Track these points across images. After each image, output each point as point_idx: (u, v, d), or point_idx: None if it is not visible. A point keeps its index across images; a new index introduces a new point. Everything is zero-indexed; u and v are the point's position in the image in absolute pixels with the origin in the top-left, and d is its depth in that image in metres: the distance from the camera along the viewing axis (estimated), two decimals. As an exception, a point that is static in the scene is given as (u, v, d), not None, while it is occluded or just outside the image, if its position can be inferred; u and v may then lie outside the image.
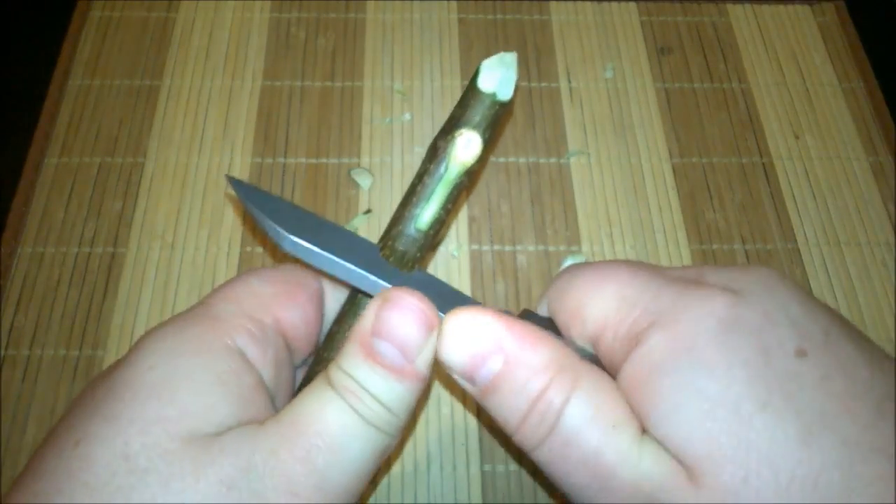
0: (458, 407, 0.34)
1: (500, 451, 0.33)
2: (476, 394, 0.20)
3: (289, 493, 0.18)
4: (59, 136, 0.40)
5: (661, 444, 0.18)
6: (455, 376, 0.20)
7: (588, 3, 0.46)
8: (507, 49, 0.44)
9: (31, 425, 0.32)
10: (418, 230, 0.22)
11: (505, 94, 0.21)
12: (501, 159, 0.40)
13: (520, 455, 0.33)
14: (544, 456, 0.19)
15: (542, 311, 0.23)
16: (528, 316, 0.22)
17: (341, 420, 0.19)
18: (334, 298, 0.25)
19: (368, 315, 0.19)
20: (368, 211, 0.38)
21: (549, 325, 0.22)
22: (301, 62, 0.43)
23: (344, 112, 0.41)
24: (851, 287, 0.37)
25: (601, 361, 0.21)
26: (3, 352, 0.34)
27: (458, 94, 0.42)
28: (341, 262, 0.21)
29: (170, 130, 0.40)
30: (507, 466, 0.32)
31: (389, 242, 0.22)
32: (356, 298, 0.23)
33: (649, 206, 0.39)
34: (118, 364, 0.20)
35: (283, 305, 0.22)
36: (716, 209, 0.39)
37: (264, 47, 0.43)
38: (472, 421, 0.33)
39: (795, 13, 0.46)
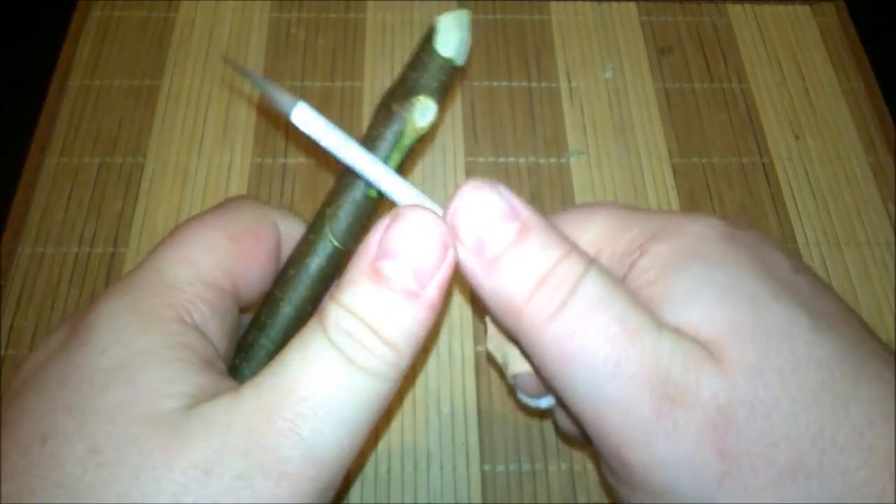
0: (459, 407, 0.34)
1: (500, 451, 0.33)
2: (480, 269, 0.18)
3: (277, 472, 0.16)
4: (59, 137, 0.40)
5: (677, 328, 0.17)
6: (460, 250, 0.18)
7: (588, 3, 0.46)
8: (507, 50, 0.44)
9: (31, 425, 0.32)
10: (369, 198, 0.21)
11: (461, 58, 0.20)
12: (501, 159, 0.40)
13: (520, 455, 0.33)
14: (556, 332, 0.17)
15: None
16: None
17: (329, 377, 0.16)
18: (291, 242, 0.23)
19: (374, 235, 0.17)
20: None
21: None
22: (301, 62, 0.43)
23: (344, 112, 0.41)
24: (851, 287, 0.37)
25: None
26: (3, 352, 0.34)
27: (458, 94, 0.42)
28: (353, 141, 0.19)
29: (170, 130, 0.40)
30: (507, 466, 0.32)
31: (338, 211, 0.21)
32: (312, 237, 0.21)
33: (649, 206, 0.39)
34: (68, 342, 0.18)
35: (243, 267, 0.20)
36: (716, 209, 0.39)
37: (264, 47, 0.43)
38: (473, 421, 0.33)
39: (795, 13, 0.46)
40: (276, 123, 0.41)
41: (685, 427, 0.16)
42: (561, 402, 0.21)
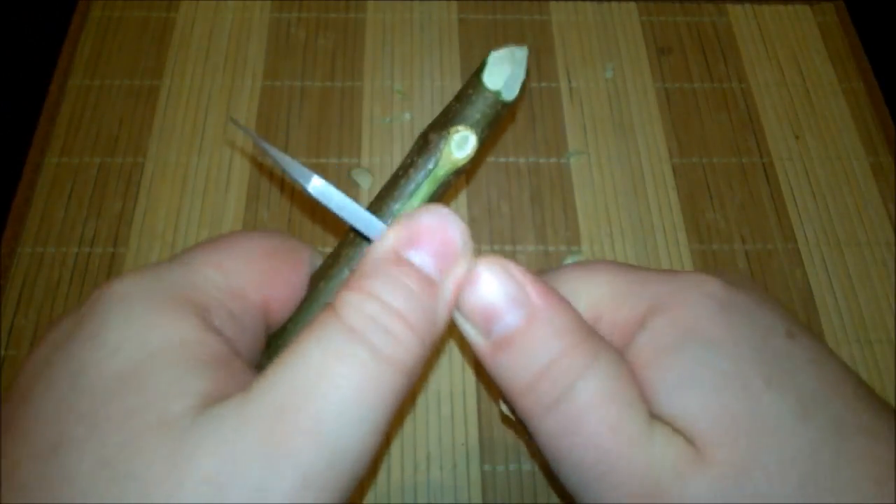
0: (459, 407, 0.34)
1: (501, 451, 0.33)
2: (485, 349, 0.18)
3: (300, 478, 0.14)
4: (59, 136, 0.40)
5: (670, 423, 0.17)
6: (467, 326, 0.18)
7: (588, 3, 0.46)
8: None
9: (31, 425, 0.32)
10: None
11: (510, 93, 0.20)
12: (501, 159, 0.40)
13: (520, 455, 0.33)
14: (549, 427, 0.17)
15: None
16: None
17: (355, 370, 0.15)
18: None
19: (395, 228, 0.17)
20: (368, 211, 0.38)
21: None
22: (301, 62, 0.43)
23: (344, 112, 0.41)
24: (851, 287, 0.37)
25: None
26: (3, 352, 0.34)
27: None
28: (360, 208, 0.19)
29: (170, 130, 0.40)
30: (507, 466, 0.32)
31: (358, 239, 0.21)
32: (327, 272, 0.21)
33: (649, 206, 0.39)
34: (78, 330, 0.17)
35: (275, 285, 0.19)
36: (716, 209, 0.39)
37: (264, 47, 0.43)
38: (473, 421, 0.33)
39: (795, 13, 0.46)
40: (277, 123, 0.41)
41: None
42: None
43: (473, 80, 0.20)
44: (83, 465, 0.15)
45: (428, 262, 0.17)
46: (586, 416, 0.17)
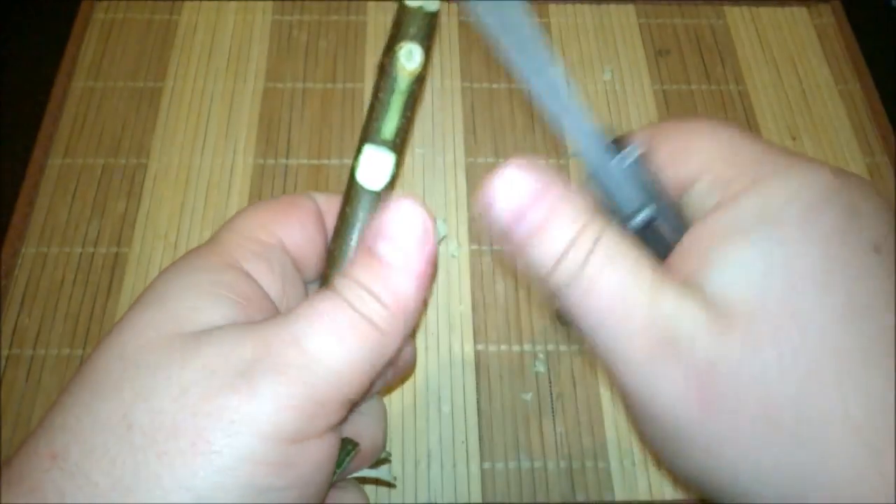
0: (459, 406, 0.34)
1: (500, 449, 0.33)
2: (514, 243, 0.20)
3: (275, 370, 0.18)
4: (63, 138, 0.40)
5: (702, 289, 0.18)
6: (499, 225, 0.21)
7: (586, 6, 0.46)
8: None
9: (34, 425, 0.32)
10: (385, 140, 0.24)
11: (432, 5, 0.23)
12: (501, 160, 0.41)
13: (520, 453, 0.33)
14: (573, 294, 0.19)
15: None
16: (619, 140, 0.22)
17: (335, 312, 0.19)
18: (333, 218, 0.26)
19: (374, 222, 0.21)
20: (369, 211, 0.39)
21: (639, 157, 0.22)
22: (303, 64, 0.43)
23: (345, 113, 0.42)
24: (848, 287, 0.37)
25: (681, 209, 0.21)
26: (6, 352, 0.34)
27: (458, 95, 0.43)
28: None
29: (173, 132, 0.41)
30: (507, 464, 0.33)
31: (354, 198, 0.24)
32: (346, 214, 0.24)
33: (648, 206, 0.39)
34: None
35: (282, 224, 0.24)
36: (714, 210, 0.40)
37: (266, 49, 0.44)
38: (472, 419, 0.33)
39: (792, 15, 0.47)
40: (279, 124, 0.41)
41: (673, 369, 0.18)
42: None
43: (400, 7, 0.24)
44: (104, 360, 0.19)
45: (395, 251, 0.20)
46: (600, 279, 0.19)
